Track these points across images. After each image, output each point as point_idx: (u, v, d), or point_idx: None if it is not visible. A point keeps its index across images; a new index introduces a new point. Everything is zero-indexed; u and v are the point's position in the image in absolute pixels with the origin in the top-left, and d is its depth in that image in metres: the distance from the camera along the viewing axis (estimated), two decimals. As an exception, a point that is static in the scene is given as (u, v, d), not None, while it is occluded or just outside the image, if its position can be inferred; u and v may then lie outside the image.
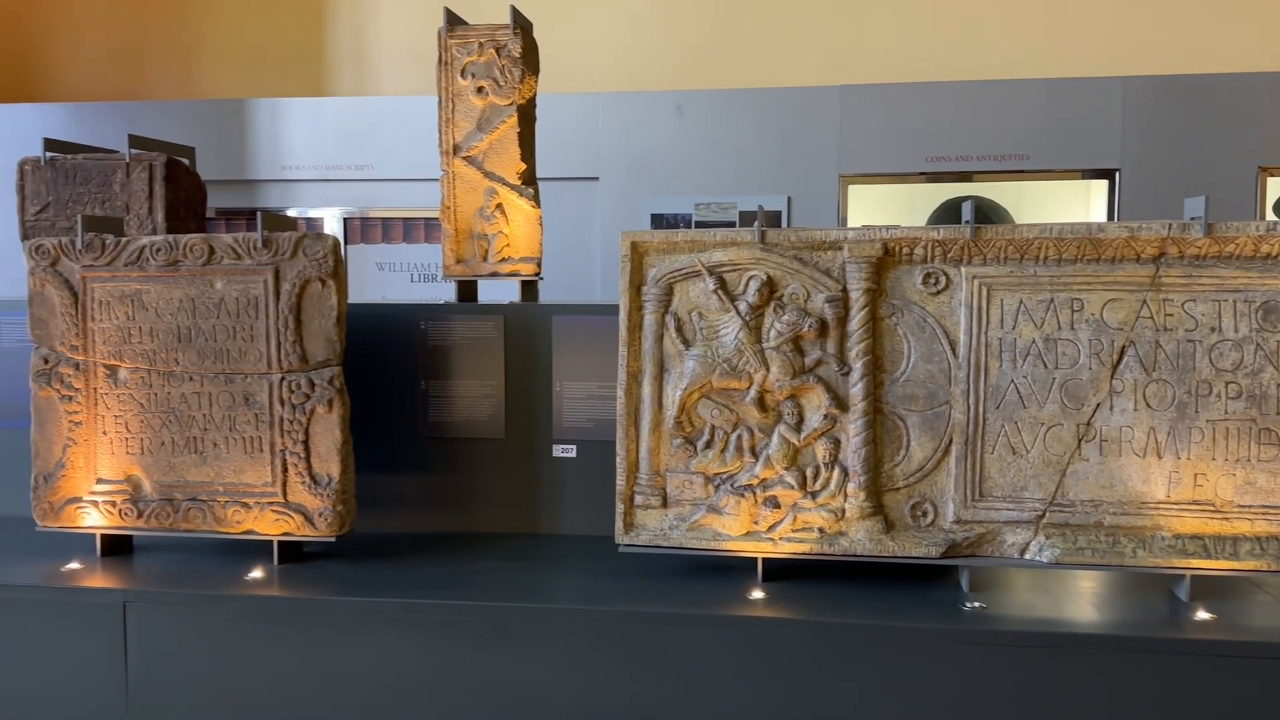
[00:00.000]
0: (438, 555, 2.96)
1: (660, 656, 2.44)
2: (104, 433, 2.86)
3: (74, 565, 2.82)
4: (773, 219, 4.14)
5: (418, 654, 2.54)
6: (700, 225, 5.46)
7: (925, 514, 2.59)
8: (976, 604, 2.47)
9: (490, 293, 3.49)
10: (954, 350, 2.58)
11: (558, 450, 3.16)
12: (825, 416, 2.61)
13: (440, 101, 3.27)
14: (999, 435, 2.56)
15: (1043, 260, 2.54)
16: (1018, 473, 2.56)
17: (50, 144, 3.51)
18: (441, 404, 3.19)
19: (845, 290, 2.60)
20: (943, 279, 2.59)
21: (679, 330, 2.68)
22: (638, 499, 2.71)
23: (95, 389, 2.86)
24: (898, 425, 2.60)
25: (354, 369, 2.87)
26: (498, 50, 3.23)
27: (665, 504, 2.70)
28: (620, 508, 2.71)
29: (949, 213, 5.81)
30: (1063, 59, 5.97)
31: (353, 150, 5.41)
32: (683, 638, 2.43)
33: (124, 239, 2.83)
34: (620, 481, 2.71)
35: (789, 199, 5.48)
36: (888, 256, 2.59)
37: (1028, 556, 2.53)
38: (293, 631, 2.58)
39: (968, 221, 2.54)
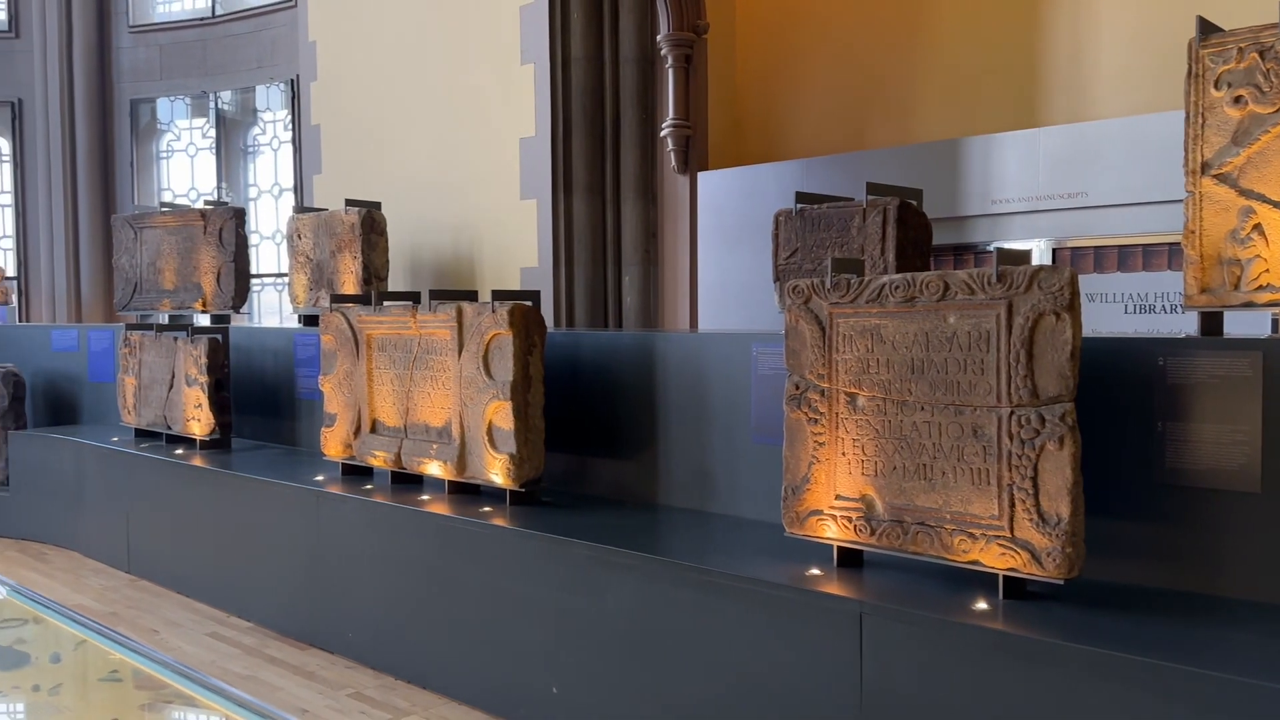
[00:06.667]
0: (1177, 615, 2.68)
1: None
2: (843, 454, 3.16)
3: (814, 571, 3.15)
4: None
5: (1159, 722, 2.32)
6: None
7: None
8: None
9: (1239, 325, 3.07)
10: None
11: (1336, 513, 2.65)
12: None
13: (1188, 117, 2.99)
14: None
15: None
16: None
17: (801, 196, 4.02)
18: (1181, 448, 2.89)
19: None
20: None
21: None
22: None
23: (837, 414, 3.17)
24: None
25: (1080, 405, 2.75)
26: (1261, 53, 2.84)
27: None
28: None
29: None
30: None
31: (1065, 178, 5.22)
32: None
33: (866, 278, 3.10)
34: None
35: None
36: None
37: None
38: (1019, 670, 2.55)
39: None
